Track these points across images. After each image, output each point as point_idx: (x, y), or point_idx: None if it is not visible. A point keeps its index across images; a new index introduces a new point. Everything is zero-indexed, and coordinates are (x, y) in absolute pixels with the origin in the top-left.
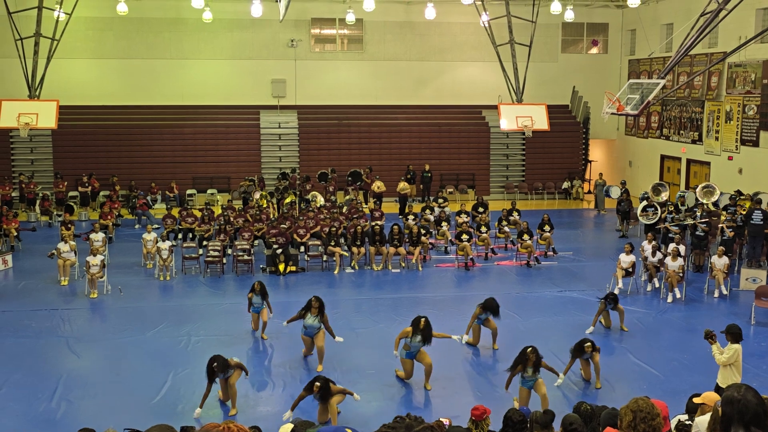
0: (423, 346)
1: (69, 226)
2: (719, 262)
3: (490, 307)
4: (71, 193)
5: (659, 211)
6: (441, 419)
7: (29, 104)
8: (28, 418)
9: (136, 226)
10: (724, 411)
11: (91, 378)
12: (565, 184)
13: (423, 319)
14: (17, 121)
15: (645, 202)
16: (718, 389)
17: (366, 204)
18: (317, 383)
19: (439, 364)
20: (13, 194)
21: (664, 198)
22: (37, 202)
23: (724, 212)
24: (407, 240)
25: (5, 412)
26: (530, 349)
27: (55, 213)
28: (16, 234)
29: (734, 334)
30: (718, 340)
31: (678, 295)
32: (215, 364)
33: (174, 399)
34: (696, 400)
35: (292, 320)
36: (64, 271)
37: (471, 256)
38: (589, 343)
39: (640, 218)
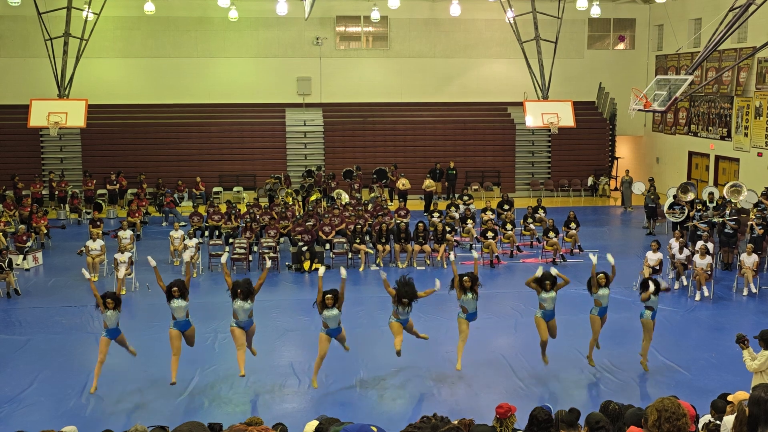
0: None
1: (98, 223)
2: (748, 259)
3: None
4: (100, 191)
5: (686, 210)
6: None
7: (59, 103)
8: (57, 414)
9: (164, 224)
10: (751, 411)
11: (119, 374)
12: (591, 181)
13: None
14: (47, 120)
15: (672, 200)
16: None
17: (391, 201)
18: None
19: (463, 361)
20: (43, 192)
21: (692, 197)
22: (67, 199)
23: (754, 209)
24: (432, 237)
25: (35, 407)
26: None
27: (84, 211)
28: (46, 231)
29: (767, 340)
30: (751, 345)
31: (706, 293)
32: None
33: (201, 395)
34: (730, 398)
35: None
36: (94, 267)
37: (496, 254)
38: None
39: (666, 216)
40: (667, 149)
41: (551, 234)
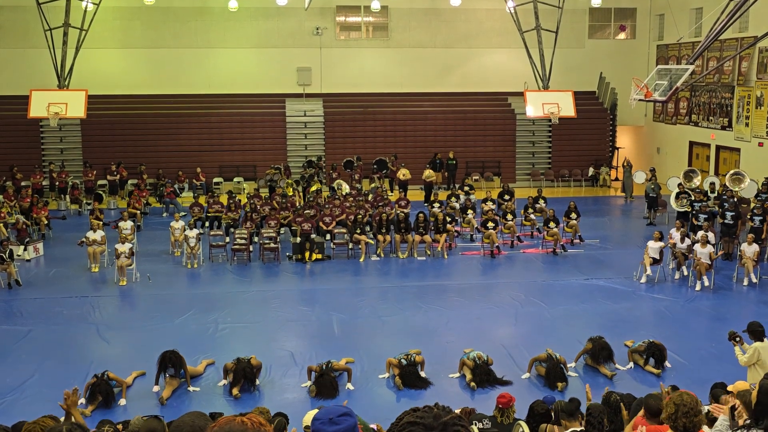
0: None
1: (98, 214)
2: (749, 249)
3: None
4: (100, 182)
5: (693, 197)
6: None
7: (59, 94)
8: (60, 404)
9: (164, 215)
10: (760, 400)
11: (120, 364)
12: (592, 171)
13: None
14: (47, 110)
15: (678, 189)
16: None
17: (391, 192)
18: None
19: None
20: (44, 183)
21: (696, 183)
22: (68, 190)
23: (755, 199)
24: (433, 228)
25: (37, 397)
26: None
27: (84, 201)
28: (46, 222)
29: (755, 332)
30: (744, 340)
31: (706, 283)
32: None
33: (202, 385)
34: (730, 387)
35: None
36: (94, 258)
37: (497, 244)
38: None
39: (673, 205)
40: (667, 139)
41: (552, 224)
